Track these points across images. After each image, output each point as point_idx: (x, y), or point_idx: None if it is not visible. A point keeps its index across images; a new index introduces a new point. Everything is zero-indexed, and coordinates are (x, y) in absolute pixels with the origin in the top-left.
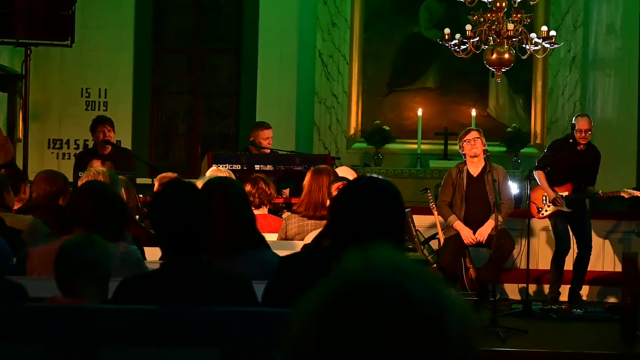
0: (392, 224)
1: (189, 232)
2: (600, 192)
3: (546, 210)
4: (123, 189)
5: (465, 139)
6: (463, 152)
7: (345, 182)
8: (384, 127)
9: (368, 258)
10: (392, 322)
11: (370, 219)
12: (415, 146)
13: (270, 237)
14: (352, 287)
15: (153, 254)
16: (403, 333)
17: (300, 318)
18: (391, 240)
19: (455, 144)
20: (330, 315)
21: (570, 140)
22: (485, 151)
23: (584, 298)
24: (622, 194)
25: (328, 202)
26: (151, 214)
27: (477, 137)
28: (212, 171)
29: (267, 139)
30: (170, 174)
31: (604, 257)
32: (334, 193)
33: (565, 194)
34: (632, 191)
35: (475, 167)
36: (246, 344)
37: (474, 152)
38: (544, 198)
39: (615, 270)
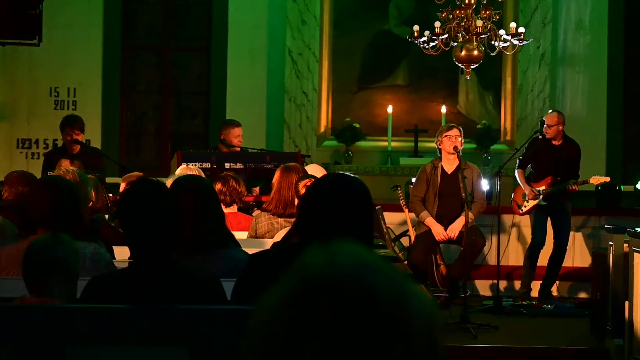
0: (360, 221)
1: (157, 231)
2: (572, 181)
3: (525, 207)
4: (92, 189)
5: (446, 134)
6: (440, 147)
7: (312, 180)
8: (354, 124)
9: (331, 253)
10: (354, 317)
11: (338, 216)
12: (386, 143)
13: (241, 235)
14: (313, 282)
15: (122, 253)
16: (365, 328)
17: (262, 314)
18: (359, 237)
19: (426, 141)
20: (292, 310)
21: (540, 136)
22: (454, 148)
23: (555, 293)
24: (591, 181)
25: (297, 200)
26: (119, 213)
27: (458, 135)
28: (182, 170)
29: (237, 137)
30: (136, 174)
31: (574, 253)
32: (302, 191)
33: (542, 188)
34: (600, 177)
35: (450, 164)
36: (215, 342)
37: (453, 149)
38: (523, 195)
39: (585, 265)
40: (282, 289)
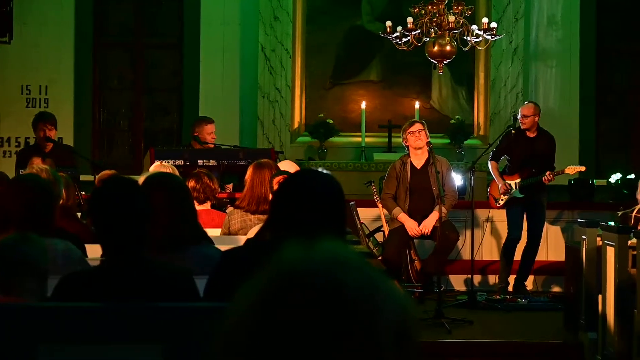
0: (333, 217)
1: (129, 229)
2: (547, 172)
3: (502, 200)
4: (63, 187)
5: (409, 130)
6: (407, 144)
7: (286, 176)
8: (327, 120)
9: (305, 249)
10: (323, 312)
11: (310, 212)
12: (359, 139)
13: (214, 232)
14: (285, 278)
15: (94, 251)
16: (336, 323)
17: (235, 310)
18: (332, 233)
19: (399, 137)
20: (264, 306)
21: (513, 131)
22: (428, 143)
23: (529, 288)
24: (566, 171)
25: (270, 197)
26: (91, 210)
27: (421, 130)
28: (156, 167)
29: (210, 133)
30: (109, 171)
31: (547, 247)
32: (275, 187)
33: (517, 181)
34: (575, 167)
35: (418, 159)
36: (188, 339)
37: (417, 144)
38: (499, 188)
39: (559, 259)
40: (256, 285)
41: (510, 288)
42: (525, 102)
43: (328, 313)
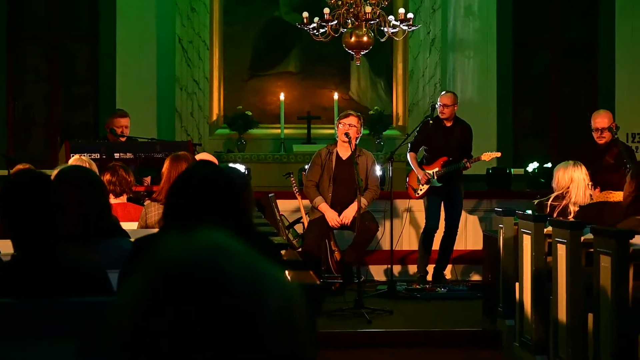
0: (224, 209)
1: (40, 223)
2: (464, 160)
3: (421, 190)
4: None
5: (342, 121)
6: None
7: None
8: (246, 112)
9: (187, 239)
10: (204, 299)
11: (196, 203)
12: (279, 131)
13: (131, 225)
14: (166, 267)
15: (6, 247)
16: (215, 310)
17: (120, 302)
18: (225, 224)
19: (318, 128)
20: (147, 296)
21: (431, 121)
22: (346, 135)
23: (448, 277)
24: (482, 158)
25: None
26: (0, 205)
27: (352, 125)
28: (74, 160)
29: (123, 126)
30: (22, 166)
31: (466, 236)
32: None
33: (436, 169)
34: (491, 153)
35: (345, 150)
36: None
37: (342, 138)
38: (418, 179)
39: (478, 248)
40: (138, 276)
41: (429, 277)
42: (444, 92)
43: (211, 301)
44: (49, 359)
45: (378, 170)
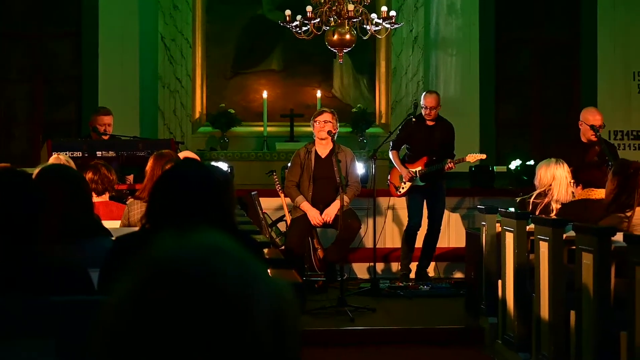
0: (208, 207)
1: (20, 222)
2: (448, 160)
3: (403, 188)
4: None
5: (316, 119)
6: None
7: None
8: (229, 110)
9: (179, 239)
10: (197, 299)
11: (182, 202)
12: (261, 129)
13: (113, 224)
14: (159, 267)
15: None
16: (211, 310)
17: (112, 302)
18: (210, 223)
19: (301, 126)
20: (140, 296)
21: (414, 119)
22: (329, 132)
23: (431, 274)
24: (467, 159)
25: None
26: None
27: (328, 121)
28: (53, 159)
29: (104, 125)
30: (3, 165)
31: (449, 233)
32: None
33: (419, 168)
34: (476, 155)
35: (323, 149)
36: (83, 334)
37: (321, 135)
38: (400, 177)
39: (461, 246)
40: (130, 275)
41: (412, 275)
42: (428, 93)
43: (203, 301)
44: (28, 358)
45: (358, 166)
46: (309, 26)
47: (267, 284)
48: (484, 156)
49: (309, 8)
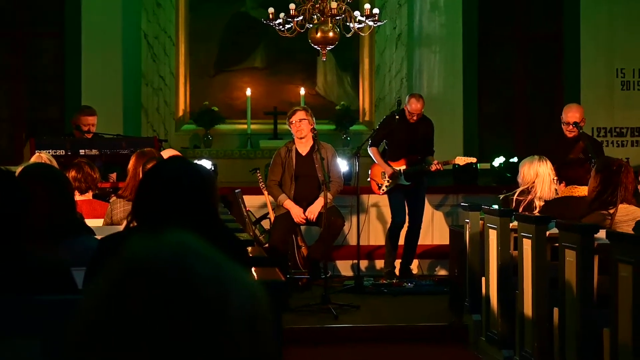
0: (190, 205)
1: (3, 221)
2: (435, 161)
3: (386, 186)
4: None
5: (291, 120)
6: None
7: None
8: (212, 108)
9: (152, 239)
10: (170, 299)
11: (163, 200)
12: (245, 126)
13: (96, 222)
14: (132, 267)
15: None
16: (185, 310)
17: (86, 302)
18: (191, 222)
19: (285, 123)
20: (113, 296)
21: (397, 117)
22: (313, 129)
23: (415, 272)
24: (456, 162)
25: None
26: None
27: (302, 119)
28: (35, 158)
29: (88, 125)
30: None
31: (433, 231)
32: None
33: (402, 167)
34: (465, 158)
35: (304, 146)
36: None
37: (298, 135)
38: (382, 174)
39: (444, 243)
40: (105, 275)
41: (396, 272)
42: (413, 96)
43: (177, 301)
44: (12, 358)
45: (340, 163)
46: (292, 24)
47: (242, 285)
48: (474, 159)
49: (292, 6)
